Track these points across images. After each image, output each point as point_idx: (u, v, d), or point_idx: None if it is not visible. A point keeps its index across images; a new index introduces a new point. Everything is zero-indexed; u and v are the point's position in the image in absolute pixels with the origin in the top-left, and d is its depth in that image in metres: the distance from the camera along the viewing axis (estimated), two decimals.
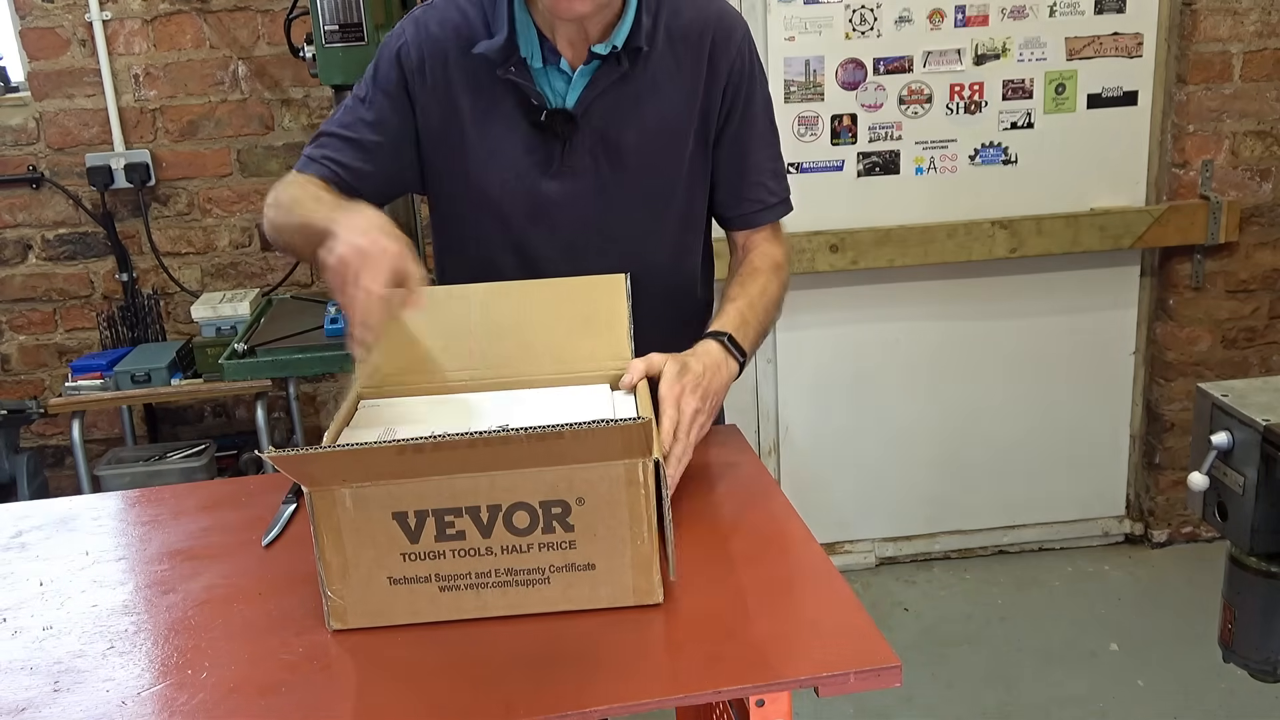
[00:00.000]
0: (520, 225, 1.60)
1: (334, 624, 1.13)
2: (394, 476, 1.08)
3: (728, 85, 1.58)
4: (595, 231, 1.59)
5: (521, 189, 1.58)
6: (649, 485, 1.10)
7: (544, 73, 1.54)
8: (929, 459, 3.23)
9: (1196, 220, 3.00)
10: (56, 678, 1.10)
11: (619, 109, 1.55)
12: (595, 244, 1.59)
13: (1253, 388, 1.50)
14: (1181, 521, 3.28)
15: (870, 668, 1.01)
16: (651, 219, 1.62)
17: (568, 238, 1.59)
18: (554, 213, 1.59)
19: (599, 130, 1.55)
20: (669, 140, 1.58)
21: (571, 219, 1.59)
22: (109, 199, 3.17)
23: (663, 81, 1.55)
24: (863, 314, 3.12)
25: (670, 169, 1.60)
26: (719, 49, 1.56)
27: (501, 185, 1.58)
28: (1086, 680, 2.69)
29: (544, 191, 1.58)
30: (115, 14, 3.07)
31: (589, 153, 1.56)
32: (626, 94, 1.54)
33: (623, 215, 1.60)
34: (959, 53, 2.92)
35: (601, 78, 1.53)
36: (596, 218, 1.59)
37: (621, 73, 1.52)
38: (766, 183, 1.64)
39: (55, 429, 3.36)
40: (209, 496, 1.52)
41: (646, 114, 1.55)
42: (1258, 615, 1.46)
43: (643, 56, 1.53)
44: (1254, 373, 3.19)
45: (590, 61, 1.52)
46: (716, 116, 1.59)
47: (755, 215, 1.65)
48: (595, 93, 1.53)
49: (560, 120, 1.53)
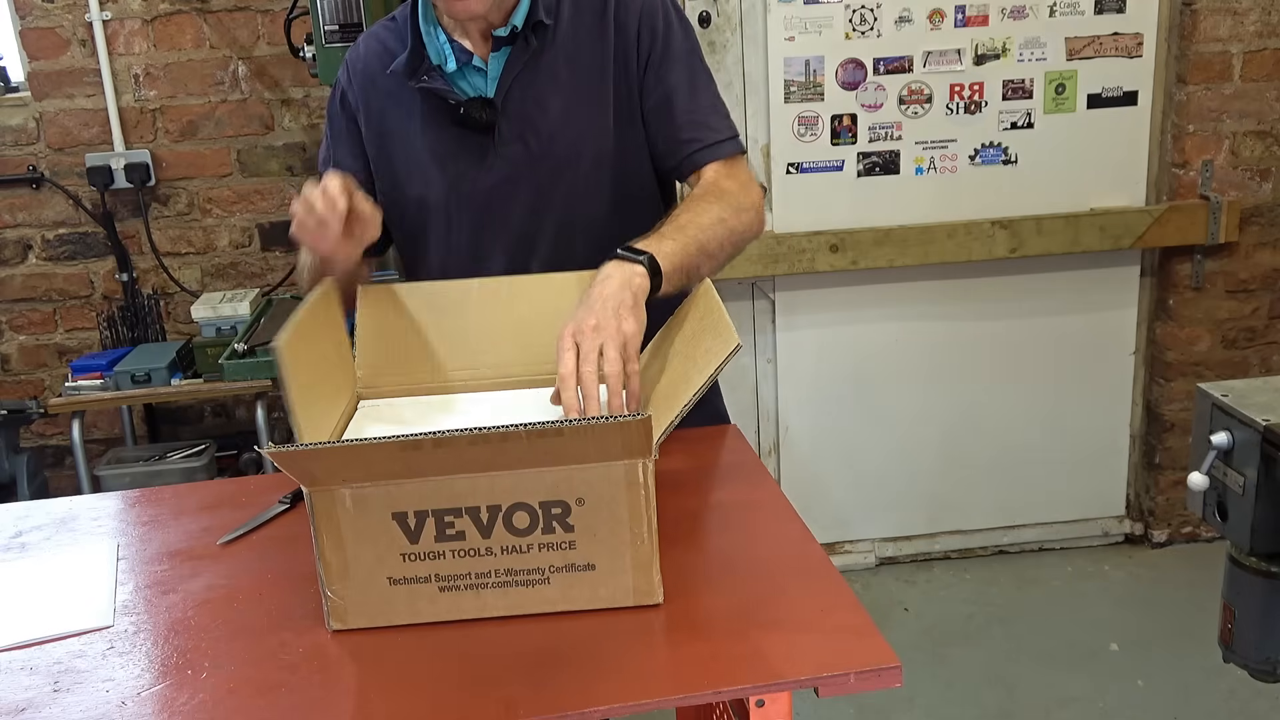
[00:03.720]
0: (470, 226, 1.60)
1: (334, 624, 1.13)
2: (394, 475, 1.08)
3: (639, 39, 1.55)
4: (542, 214, 1.59)
5: (461, 189, 1.59)
6: (649, 485, 1.10)
7: (460, 73, 1.56)
8: (929, 459, 3.23)
9: (1196, 220, 3.00)
10: (56, 678, 1.10)
11: (537, 87, 1.55)
12: (546, 227, 1.59)
13: (1253, 388, 1.50)
14: (1181, 521, 3.28)
15: (870, 668, 1.01)
16: (591, 188, 1.59)
17: (517, 227, 1.59)
18: (497, 205, 1.59)
19: (523, 111, 1.55)
20: (593, 108, 1.57)
21: (516, 206, 1.59)
22: (109, 199, 3.17)
23: (574, 51, 1.55)
24: (863, 314, 3.12)
25: (600, 137, 1.58)
26: (622, 6, 1.56)
27: (442, 190, 1.59)
28: (1086, 680, 2.69)
29: (483, 186, 1.58)
30: (115, 14, 3.08)
31: (518, 139, 1.56)
32: (542, 71, 1.55)
33: (564, 192, 1.59)
34: (959, 53, 2.92)
35: (514, 61, 1.54)
36: (540, 200, 1.59)
37: (532, 51, 1.53)
38: (706, 121, 1.57)
39: (55, 429, 3.36)
40: (209, 496, 1.52)
41: (564, 87, 1.55)
42: (1258, 615, 1.46)
43: (548, 31, 1.53)
44: (1254, 373, 3.19)
45: (499, 49, 1.53)
46: (637, 73, 1.56)
47: (696, 155, 1.56)
48: (511, 76, 1.54)
49: (478, 107, 1.53)
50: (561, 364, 1.24)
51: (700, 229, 1.42)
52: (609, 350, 1.23)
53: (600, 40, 1.56)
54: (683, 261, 1.37)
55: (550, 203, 1.59)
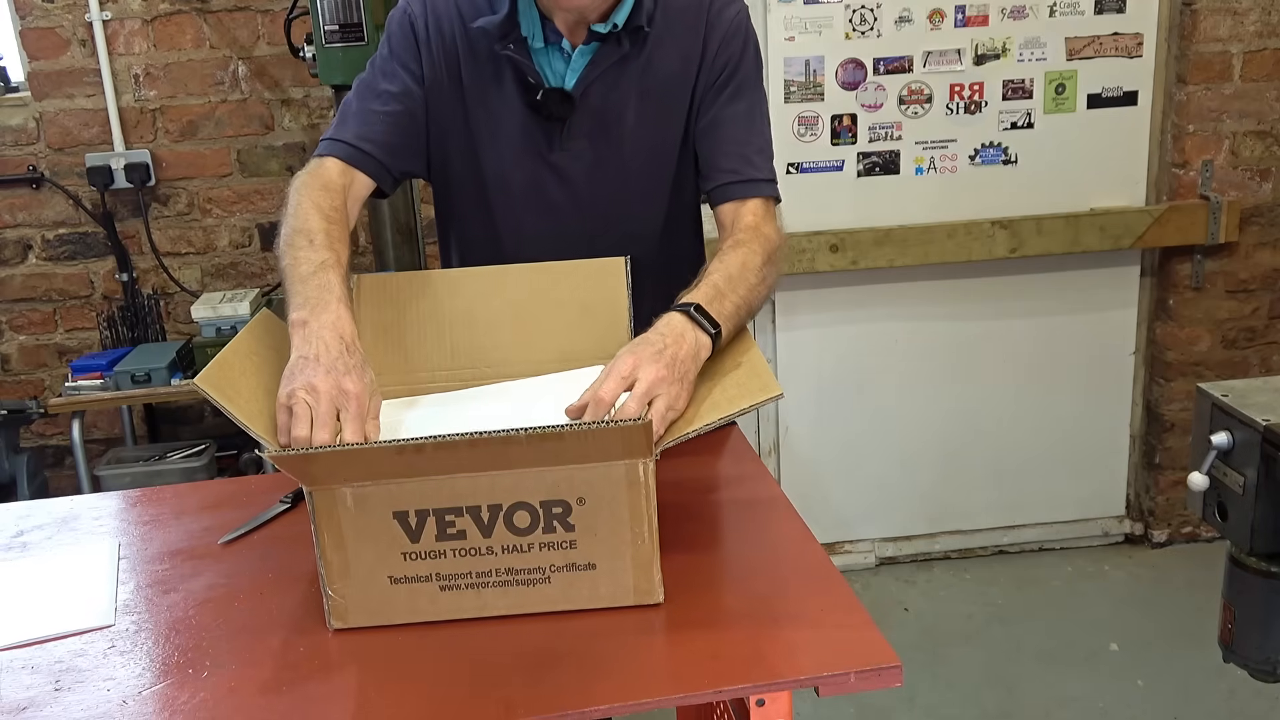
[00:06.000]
0: (516, 205, 1.59)
1: (335, 623, 1.13)
2: (394, 476, 1.08)
3: (715, 58, 1.55)
4: (587, 214, 1.59)
5: (518, 169, 1.57)
6: (649, 485, 1.10)
7: (544, 52, 1.53)
8: (929, 459, 3.23)
9: (1196, 220, 3.00)
10: (57, 677, 1.10)
11: (617, 90, 1.54)
12: (590, 225, 1.58)
13: (1253, 388, 1.50)
14: (1181, 521, 3.28)
15: (871, 667, 1.02)
16: (645, 200, 1.61)
17: (563, 218, 1.59)
18: (550, 194, 1.58)
19: (596, 111, 1.54)
20: (664, 122, 1.57)
21: (567, 200, 1.58)
22: (109, 199, 3.17)
23: (658, 62, 1.54)
24: (863, 314, 3.12)
25: (665, 151, 1.58)
26: (712, 28, 1.55)
27: (499, 164, 1.57)
28: (1086, 680, 2.69)
29: (540, 173, 1.57)
30: (115, 14, 3.07)
31: (585, 135, 1.56)
32: (625, 75, 1.54)
33: (617, 196, 1.59)
34: (959, 53, 2.92)
35: (601, 58, 1.52)
36: (590, 201, 1.59)
37: (622, 53, 1.52)
38: (752, 157, 1.55)
39: (55, 429, 3.36)
40: (209, 496, 1.52)
41: (643, 95, 1.55)
42: (1258, 615, 1.46)
43: (643, 37, 1.52)
44: (1254, 373, 3.19)
45: (590, 42, 1.52)
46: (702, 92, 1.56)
47: (734, 186, 1.54)
48: (595, 73, 1.53)
49: (556, 100, 1.52)
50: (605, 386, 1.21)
51: (750, 288, 1.41)
52: (659, 405, 1.21)
53: (685, 58, 1.55)
54: (734, 326, 1.38)
55: (599, 206, 1.59)
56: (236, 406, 1.17)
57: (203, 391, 1.15)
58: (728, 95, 1.56)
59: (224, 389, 1.18)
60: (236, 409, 1.17)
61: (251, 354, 1.29)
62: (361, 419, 1.20)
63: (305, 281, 1.32)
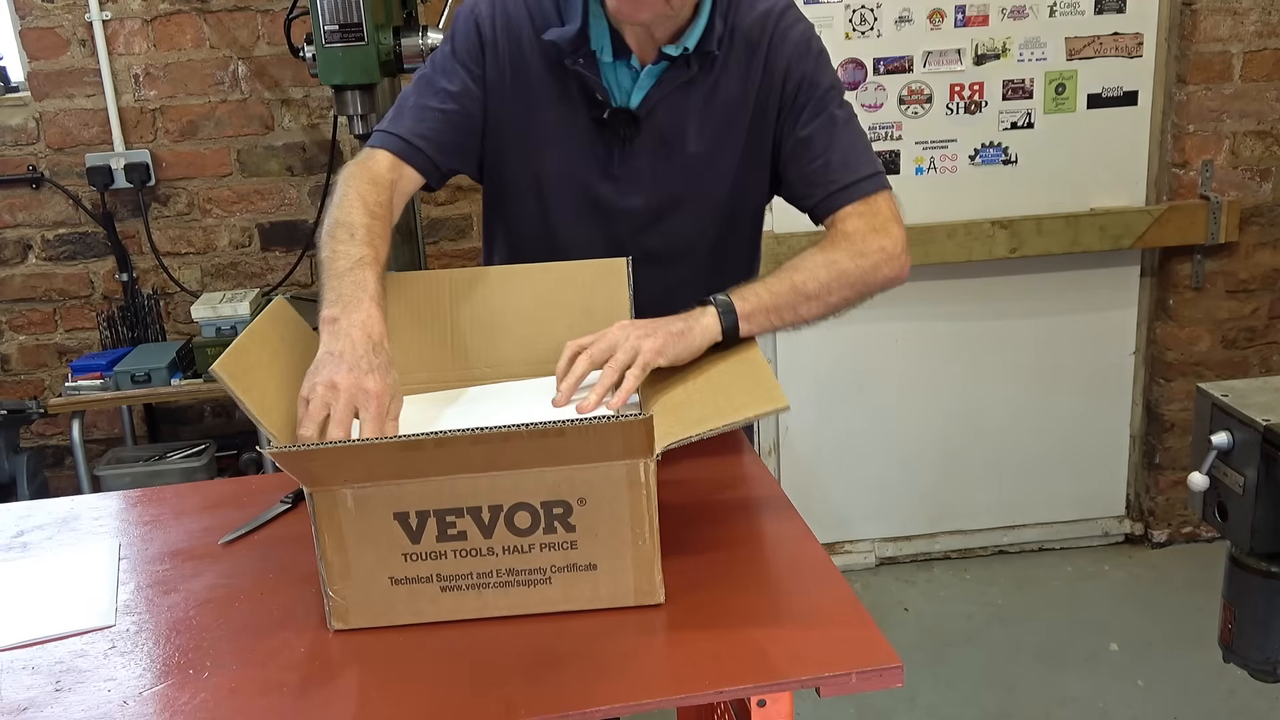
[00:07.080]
0: (568, 219, 1.59)
1: (335, 624, 1.13)
2: (395, 475, 1.08)
3: (785, 81, 1.54)
4: (640, 234, 1.58)
5: (575, 183, 1.57)
6: (650, 485, 1.10)
7: (612, 67, 1.52)
8: (929, 459, 3.23)
9: (1196, 220, 3.00)
10: (58, 677, 1.10)
11: (681, 112, 1.53)
12: (639, 244, 1.56)
13: (1253, 388, 1.50)
14: (1181, 521, 3.28)
15: (872, 668, 1.02)
16: (697, 222, 1.60)
17: (612, 236, 1.58)
18: (604, 211, 1.58)
19: (659, 133, 1.54)
20: (724, 149, 1.56)
21: (617, 216, 1.58)
22: (109, 199, 3.17)
23: (724, 86, 1.53)
24: (863, 314, 3.07)
25: (722, 173, 1.58)
26: (775, 49, 1.54)
27: (557, 176, 1.57)
28: (1086, 680, 2.69)
29: (598, 190, 1.57)
30: (115, 14, 3.07)
31: (647, 154, 1.55)
32: (690, 97, 1.53)
33: (669, 221, 1.59)
34: (959, 53, 2.92)
35: (668, 79, 1.51)
36: (644, 220, 1.58)
37: (689, 76, 1.51)
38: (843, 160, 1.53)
39: (55, 429, 3.36)
40: (210, 496, 1.52)
41: (705, 118, 1.54)
42: (1258, 615, 1.46)
43: (711, 60, 1.51)
44: (1254, 373, 3.19)
45: (659, 62, 1.51)
46: (773, 117, 1.55)
47: (829, 199, 1.53)
48: (661, 94, 1.52)
49: (623, 121, 1.52)
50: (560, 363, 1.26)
51: (797, 270, 1.44)
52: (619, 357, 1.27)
53: (746, 80, 1.54)
54: (772, 302, 1.41)
55: (652, 226, 1.58)
56: (250, 399, 1.17)
57: (219, 378, 1.15)
58: (805, 115, 1.54)
59: (239, 378, 1.18)
60: (250, 401, 1.17)
61: (267, 342, 1.29)
62: (380, 419, 1.20)
63: (341, 278, 1.32)
